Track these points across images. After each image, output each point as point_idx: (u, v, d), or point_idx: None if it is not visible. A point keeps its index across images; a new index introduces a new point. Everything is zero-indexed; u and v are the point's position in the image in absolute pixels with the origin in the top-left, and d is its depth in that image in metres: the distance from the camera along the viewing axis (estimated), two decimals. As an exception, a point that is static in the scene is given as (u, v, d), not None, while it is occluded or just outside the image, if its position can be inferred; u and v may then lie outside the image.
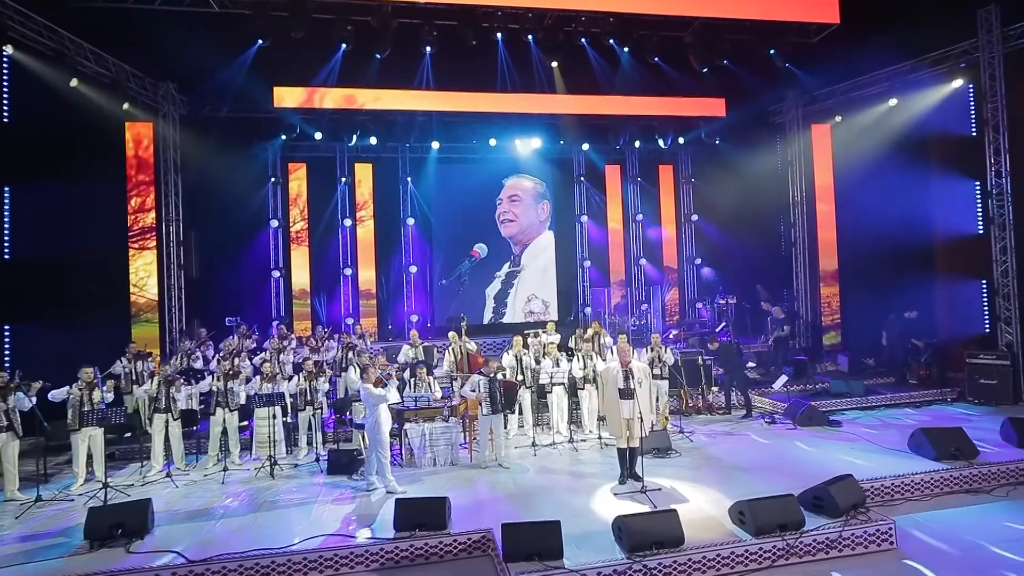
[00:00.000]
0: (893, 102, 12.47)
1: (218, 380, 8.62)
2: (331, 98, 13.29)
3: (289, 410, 8.89)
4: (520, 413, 9.76)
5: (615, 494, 6.79)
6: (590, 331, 11.36)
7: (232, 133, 13.54)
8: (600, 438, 9.07)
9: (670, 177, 17.82)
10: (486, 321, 16.33)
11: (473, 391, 8.07)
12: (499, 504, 6.72)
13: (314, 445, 8.95)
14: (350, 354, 10.36)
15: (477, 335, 13.18)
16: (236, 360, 9.74)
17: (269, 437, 8.32)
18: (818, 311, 13.93)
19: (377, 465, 7.26)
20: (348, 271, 15.68)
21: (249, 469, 8.22)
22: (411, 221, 15.99)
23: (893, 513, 6.15)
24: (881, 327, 12.08)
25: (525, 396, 9.60)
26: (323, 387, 8.92)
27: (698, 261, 17.48)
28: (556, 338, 10.66)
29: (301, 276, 15.60)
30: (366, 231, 16.04)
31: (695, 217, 17.47)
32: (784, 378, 10.32)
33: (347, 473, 7.83)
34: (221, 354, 10.16)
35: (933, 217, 12.38)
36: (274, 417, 8.62)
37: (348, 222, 15.72)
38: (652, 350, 9.83)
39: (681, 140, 15.67)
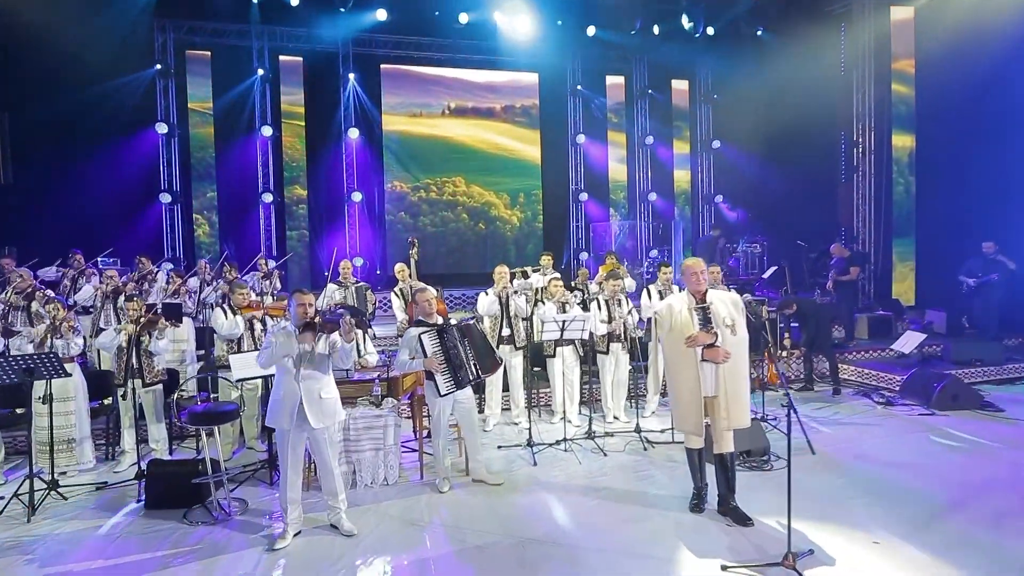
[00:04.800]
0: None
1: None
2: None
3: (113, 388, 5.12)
4: (505, 390, 6.22)
5: (725, 568, 3.26)
6: (604, 268, 7.80)
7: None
8: (639, 432, 5.57)
9: (684, 95, 14.22)
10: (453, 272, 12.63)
11: (412, 358, 4.36)
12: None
13: (156, 447, 5.23)
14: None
15: (439, 287, 9.48)
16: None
17: (49, 435, 4.56)
18: (889, 256, 10.66)
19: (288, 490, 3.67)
20: (267, 197, 11.68)
21: (2, 496, 4.45)
22: (354, 133, 12.00)
23: None
24: (965, 274, 8.53)
25: (514, 361, 6.05)
26: (163, 345, 5.12)
27: (719, 199, 14.03)
28: (556, 276, 6.95)
29: (205, 200, 11.55)
30: (293, 144, 12.00)
31: (716, 144, 13.93)
32: (916, 337, 6.96)
33: (184, 505, 4.15)
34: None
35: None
36: (66, 399, 4.87)
37: (268, 131, 11.64)
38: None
39: (711, 31, 11.97)
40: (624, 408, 6.29)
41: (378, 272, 11.93)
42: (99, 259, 8.24)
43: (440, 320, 4.51)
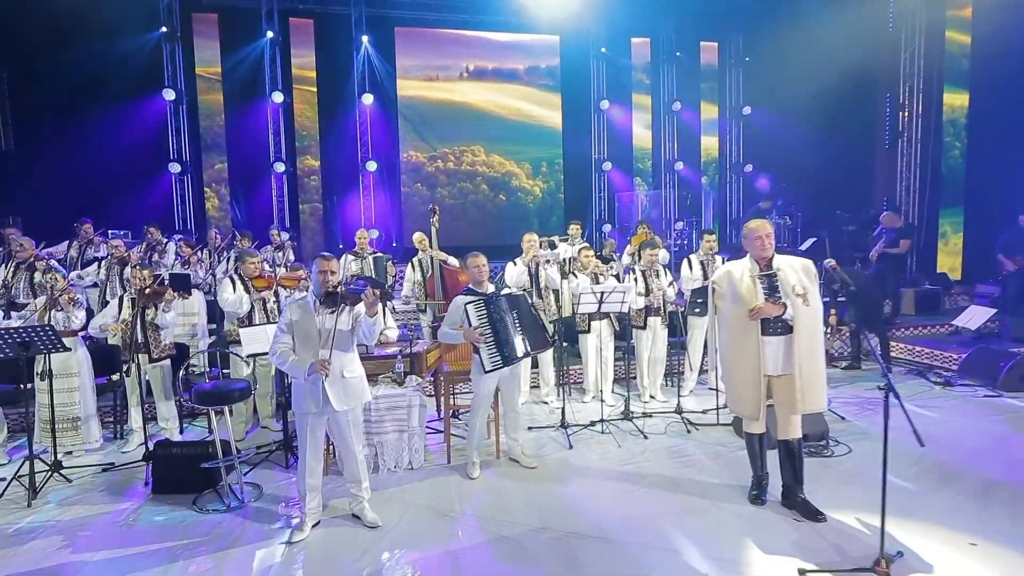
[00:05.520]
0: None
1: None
2: None
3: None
4: (534, 366, 5.82)
5: (804, 572, 2.85)
6: (637, 238, 7.33)
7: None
8: (681, 413, 5.17)
9: (714, 58, 13.47)
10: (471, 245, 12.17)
11: (457, 325, 3.96)
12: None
13: (166, 426, 4.93)
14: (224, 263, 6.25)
15: (461, 259, 9.01)
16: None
17: (51, 413, 4.25)
18: (934, 227, 10.03)
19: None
20: (279, 167, 11.26)
21: (4, 478, 4.17)
22: (368, 99, 11.48)
23: None
24: (1002, 251, 7.77)
25: (543, 338, 5.62)
26: (169, 318, 4.77)
27: (748, 168, 13.36)
28: (586, 246, 6.46)
29: (214, 172, 11.17)
30: (303, 112, 11.52)
31: (747, 110, 13.21)
32: (982, 312, 6.43)
33: (194, 490, 3.84)
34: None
35: None
36: (70, 375, 4.56)
37: (279, 97, 11.16)
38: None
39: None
40: (660, 387, 5.89)
41: (394, 244, 11.53)
42: (109, 232, 7.90)
43: (491, 289, 4.09)
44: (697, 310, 5.31)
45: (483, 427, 4.07)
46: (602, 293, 4.66)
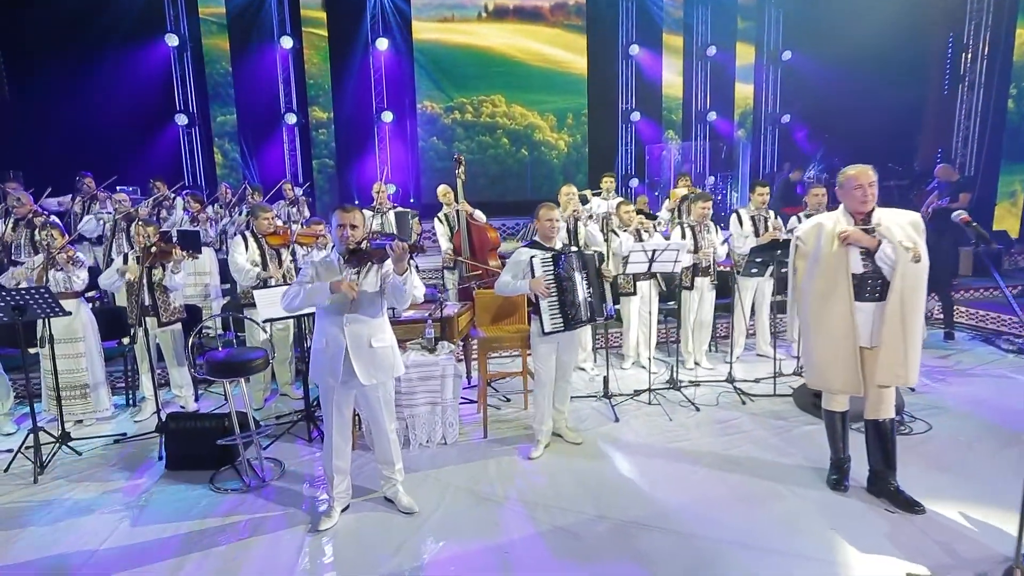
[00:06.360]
0: None
1: None
2: None
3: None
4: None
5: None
6: (678, 192, 6.77)
7: None
8: (732, 382, 4.75)
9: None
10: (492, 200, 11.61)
11: (520, 277, 3.50)
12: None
13: (180, 393, 4.61)
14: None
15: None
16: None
17: (55, 381, 3.93)
18: (994, 181, 9.29)
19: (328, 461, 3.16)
20: (291, 118, 10.69)
21: (11, 449, 3.89)
22: (383, 44, 10.77)
23: None
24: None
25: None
26: (179, 280, 4.38)
27: (786, 118, 12.52)
28: (624, 201, 5.88)
29: (221, 124, 10.62)
30: (312, 59, 10.85)
31: (788, 54, 12.27)
32: None
33: (211, 466, 3.53)
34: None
35: None
36: (75, 340, 4.23)
37: (287, 42, 10.49)
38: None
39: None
40: (705, 353, 5.46)
41: (412, 200, 11.03)
42: (118, 188, 7.47)
43: (560, 245, 3.65)
44: (754, 270, 4.81)
45: (549, 402, 3.68)
46: (653, 251, 4.17)
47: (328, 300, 2.74)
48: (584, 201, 6.76)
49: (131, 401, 4.83)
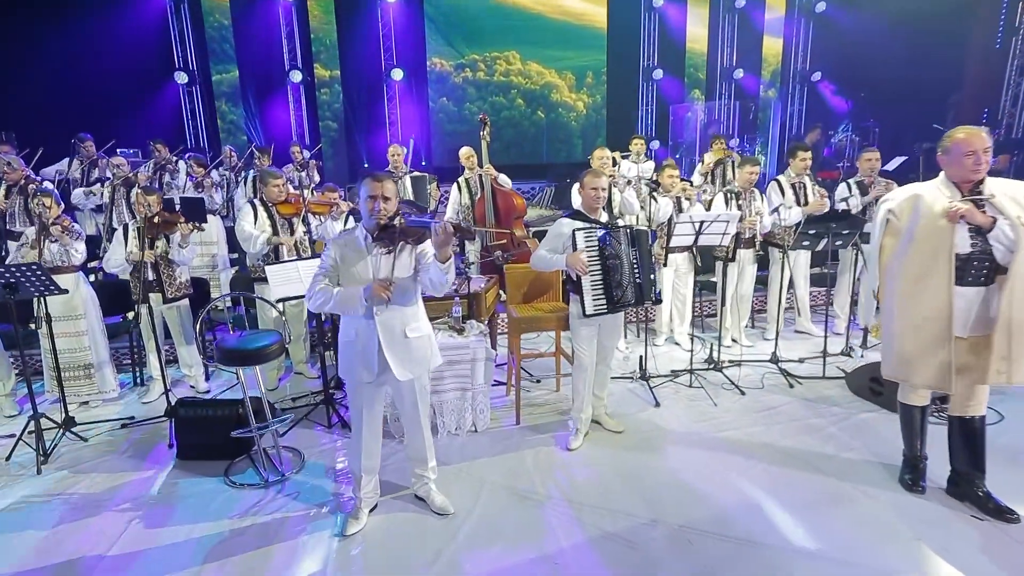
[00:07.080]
0: None
1: None
2: None
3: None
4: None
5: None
6: (711, 155, 6.33)
7: None
8: (777, 363, 4.43)
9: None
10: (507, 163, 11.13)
11: (559, 250, 3.15)
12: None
13: (190, 373, 4.35)
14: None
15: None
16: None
17: (55, 363, 3.65)
18: (1042, 141, 8.73)
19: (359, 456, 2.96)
20: (296, 75, 10.16)
21: (14, 434, 3.65)
22: (391, -5, 10.13)
23: None
24: None
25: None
26: (187, 254, 4.06)
27: (817, 76, 11.85)
28: (667, 163, 5.39)
29: (223, 83, 10.11)
30: (315, 12, 10.24)
31: (822, 6, 11.51)
32: None
33: (225, 456, 3.27)
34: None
35: None
36: (76, 317, 3.95)
37: (290, -6, 9.88)
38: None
39: None
40: (743, 330, 5.13)
41: (424, 163, 10.58)
42: (118, 150, 7.07)
43: (604, 217, 3.28)
44: (806, 243, 4.43)
45: (590, 390, 3.38)
46: (701, 223, 3.79)
47: (363, 309, 2.40)
48: (614, 164, 6.35)
49: (138, 379, 4.58)
